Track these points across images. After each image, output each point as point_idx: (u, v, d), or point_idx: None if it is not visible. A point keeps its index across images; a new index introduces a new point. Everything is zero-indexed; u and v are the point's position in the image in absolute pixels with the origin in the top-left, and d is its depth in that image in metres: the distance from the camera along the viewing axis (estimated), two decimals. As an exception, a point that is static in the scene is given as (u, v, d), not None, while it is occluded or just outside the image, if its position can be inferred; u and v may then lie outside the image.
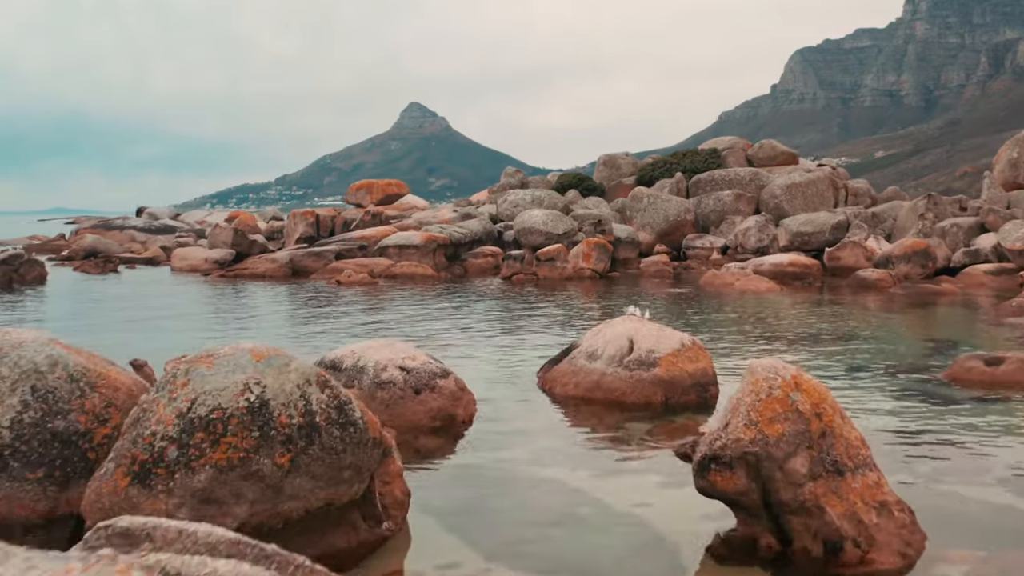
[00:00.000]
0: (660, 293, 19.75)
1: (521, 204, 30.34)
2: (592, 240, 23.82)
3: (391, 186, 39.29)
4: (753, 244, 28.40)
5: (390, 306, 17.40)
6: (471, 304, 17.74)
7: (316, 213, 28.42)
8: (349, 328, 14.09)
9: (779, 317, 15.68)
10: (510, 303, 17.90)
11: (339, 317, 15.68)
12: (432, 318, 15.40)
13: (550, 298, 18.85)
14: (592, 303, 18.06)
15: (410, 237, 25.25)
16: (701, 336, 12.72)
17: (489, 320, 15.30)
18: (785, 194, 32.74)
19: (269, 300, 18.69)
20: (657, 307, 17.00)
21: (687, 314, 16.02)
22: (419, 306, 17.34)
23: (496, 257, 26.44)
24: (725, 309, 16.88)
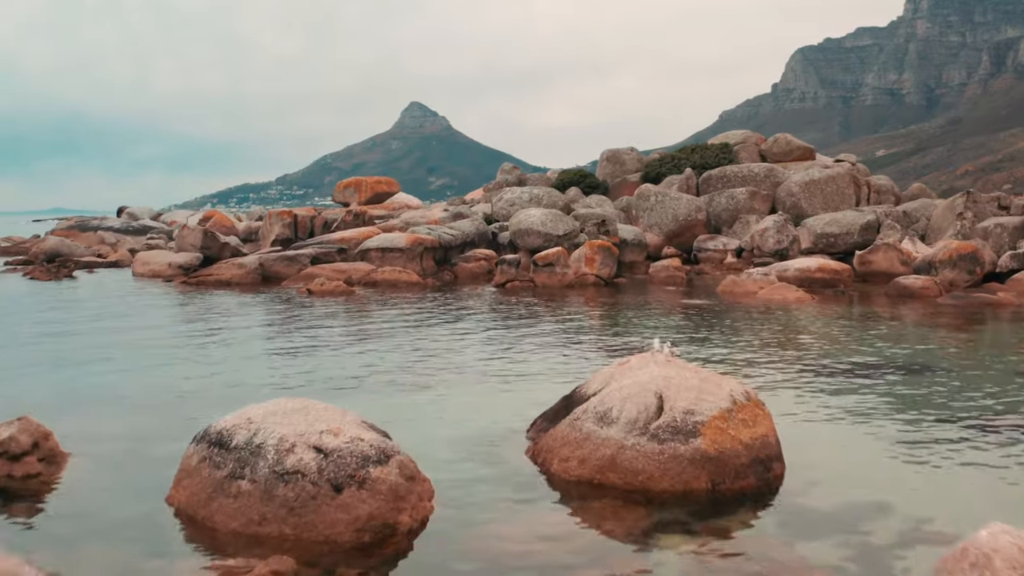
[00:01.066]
0: (674, 305, 17.02)
1: (518, 203, 27.61)
2: (596, 243, 21.09)
3: (381, 184, 36.61)
4: (771, 246, 25.68)
5: (359, 324, 14.67)
6: (455, 321, 15.01)
7: (294, 213, 25.70)
8: (293, 361, 11.36)
9: (821, 337, 12.94)
10: (501, 318, 15.18)
11: (290, 340, 12.95)
12: (402, 343, 12.66)
13: (549, 310, 16.14)
14: (598, 318, 15.33)
15: (394, 239, 22.53)
16: (730, 367, 10.03)
17: (472, 344, 12.56)
18: (803, 192, 30.02)
19: (220, 313, 15.94)
20: (673, 325, 14.27)
21: (710, 334, 13.27)
22: (392, 324, 14.60)
23: (490, 261, 23.72)
24: (754, 326, 14.14)
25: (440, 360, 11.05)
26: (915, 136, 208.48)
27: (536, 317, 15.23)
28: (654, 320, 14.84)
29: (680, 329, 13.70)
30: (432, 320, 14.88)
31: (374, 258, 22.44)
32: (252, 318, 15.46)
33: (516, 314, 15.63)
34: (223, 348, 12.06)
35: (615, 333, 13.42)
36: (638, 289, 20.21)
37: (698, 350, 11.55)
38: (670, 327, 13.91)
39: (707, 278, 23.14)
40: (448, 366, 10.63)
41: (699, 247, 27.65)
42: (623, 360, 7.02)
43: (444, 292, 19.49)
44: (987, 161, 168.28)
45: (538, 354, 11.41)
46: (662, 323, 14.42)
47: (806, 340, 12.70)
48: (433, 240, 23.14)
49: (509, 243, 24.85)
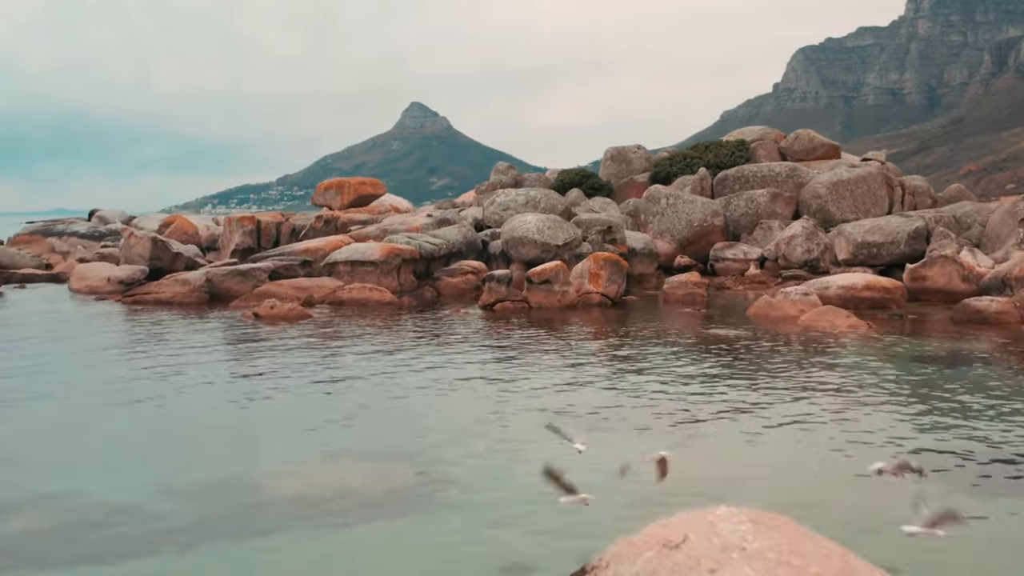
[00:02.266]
0: (700, 336, 13.56)
1: (512, 206, 24.16)
2: (601, 255, 17.64)
3: (365, 185, 33.15)
4: (800, 256, 22.25)
5: (294, 369, 11.20)
6: (422, 362, 11.56)
7: (256, 219, 22.27)
8: (142, 448, 7.93)
9: (918, 394, 9.46)
10: (484, 358, 11.73)
11: (164, 411, 9.53)
12: (333, 412, 9.24)
13: (545, 346, 12.70)
14: (605, 360, 11.87)
15: (366, 250, 19.09)
16: (806, 448, 6.09)
17: (438, 410, 9.13)
18: (831, 193, 26.57)
19: (119, 349, 12.48)
20: (703, 371, 10.81)
21: (760, 387, 9.81)
22: (337, 372, 11.16)
23: (478, 274, 20.27)
24: (810, 372, 10.66)
25: (368, 467, 7.63)
26: (917, 136, 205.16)
27: (529, 355, 11.78)
28: (679, 361, 11.40)
29: (717, 379, 10.25)
30: (389, 364, 11.43)
31: (343, 272, 19.01)
32: (154, 357, 11.98)
33: (503, 350, 12.20)
34: (57, 410, 8.63)
35: (632, 392, 9.97)
36: (652, 311, 16.77)
37: (752, 418, 8.12)
38: (704, 375, 10.48)
39: (731, 296, 19.70)
40: (392, 476, 7.20)
41: (716, 256, 24.23)
42: (662, 528, 3.58)
43: (420, 315, 16.05)
44: (990, 161, 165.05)
45: (526, 432, 7.95)
46: (691, 368, 10.99)
47: (902, 399, 9.23)
48: (412, 251, 19.71)
49: (501, 253, 21.41)
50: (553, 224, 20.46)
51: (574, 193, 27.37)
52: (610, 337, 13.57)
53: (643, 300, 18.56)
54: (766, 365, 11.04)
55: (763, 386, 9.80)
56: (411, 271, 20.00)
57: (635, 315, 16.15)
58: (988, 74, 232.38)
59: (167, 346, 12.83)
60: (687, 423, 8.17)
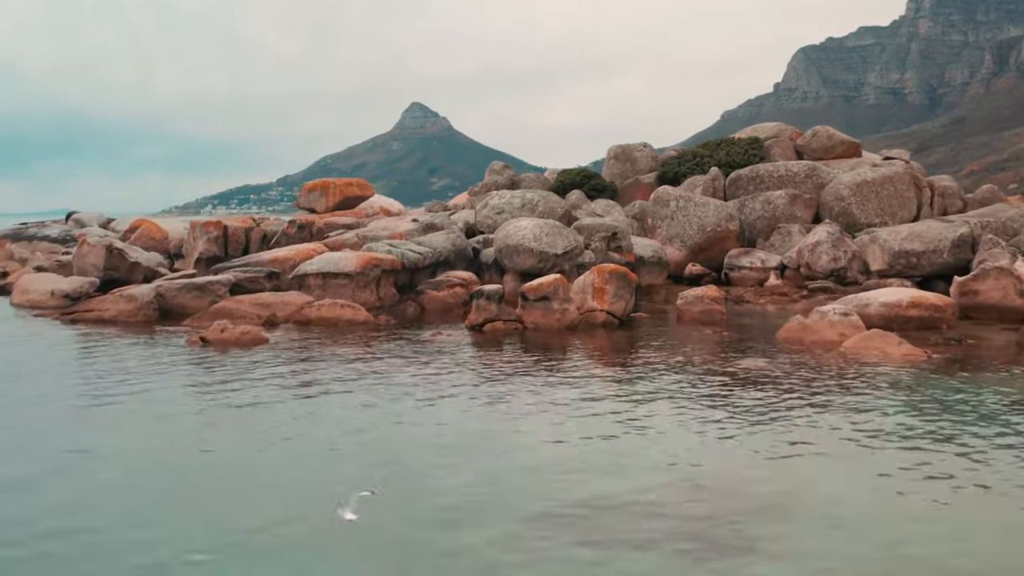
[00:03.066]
0: (726, 369, 11.14)
1: (506, 210, 21.77)
2: (607, 268, 15.23)
3: (351, 187, 30.76)
4: (825, 265, 19.88)
5: (209, 426, 8.82)
6: (379, 412, 9.18)
7: (224, 224, 19.88)
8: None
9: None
10: (463, 402, 9.34)
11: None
12: (238, 516, 6.87)
13: (542, 379, 10.31)
14: (619, 401, 9.47)
15: (339, 261, 16.70)
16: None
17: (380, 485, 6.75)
18: (855, 195, 24.18)
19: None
20: (737, 430, 8.42)
21: (819, 451, 7.43)
22: (269, 431, 8.79)
23: (468, 286, 17.89)
24: (888, 430, 8.29)
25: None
26: (918, 136, 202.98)
27: (519, 394, 9.40)
28: (708, 411, 9.01)
29: (763, 434, 7.87)
30: (340, 413, 9.04)
31: (313, 286, 16.62)
32: (31, 412, 9.59)
33: (489, 388, 9.81)
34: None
35: (653, 459, 7.59)
36: (665, 333, 14.36)
37: (820, 498, 5.74)
38: (744, 429, 8.10)
39: (751, 311, 17.30)
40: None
41: (731, 264, 21.85)
42: None
43: (396, 339, 13.66)
44: (992, 160, 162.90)
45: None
46: (729, 425, 8.60)
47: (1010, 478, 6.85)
48: (394, 261, 17.33)
49: (494, 263, 19.04)
50: (552, 230, 18.09)
51: (575, 195, 25.00)
52: (618, 368, 11.17)
53: (653, 317, 16.17)
54: (820, 414, 8.65)
55: (829, 450, 7.42)
56: (392, 283, 17.63)
57: (646, 338, 13.75)
58: (989, 74, 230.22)
59: (74, 382, 10.44)
60: (743, 517, 5.79)
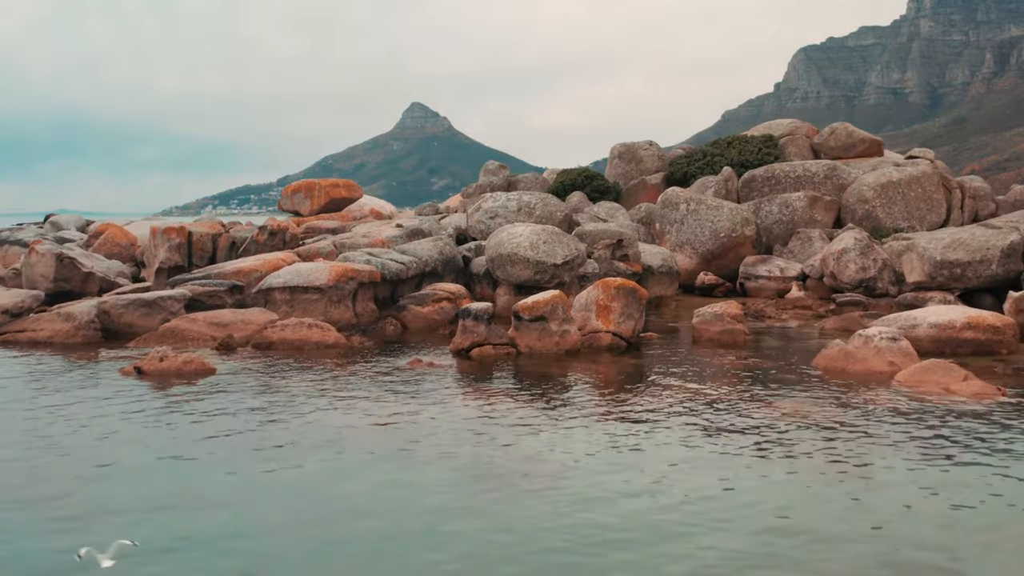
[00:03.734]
0: (762, 412, 9.06)
1: (501, 214, 19.71)
2: (613, 282, 13.13)
3: (338, 188, 28.78)
4: (853, 275, 17.84)
5: (121, 492, 6.75)
6: (327, 496, 7.12)
7: (188, 230, 17.81)
8: None
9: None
10: (442, 476, 7.28)
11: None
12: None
13: (530, 435, 8.25)
14: (655, 454, 7.38)
15: (310, 273, 14.62)
16: None
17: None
18: (879, 197, 22.16)
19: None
20: (821, 490, 6.34)
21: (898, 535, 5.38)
22: (177, 521, 6.71)
23: (456, 301, 15.83)
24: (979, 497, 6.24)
25: None
26: (919, 135, 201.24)
27: (497, 466, 7.35)
28: (757, 451, 6.96)
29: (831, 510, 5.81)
30: (287, 500, 6.98)
31: (280, 301, 14.55)
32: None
33: (473, 450, 7.76)
34: None
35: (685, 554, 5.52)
36: (680, 360, 12.27)
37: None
38: (812, 506, 6.03)
39: (775, 328, 15.20)
40: None
41: (748, 273, 19.82)
42: None
43: (368, 366, 11.59)
44: (994, 160, 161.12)
45: None
46: (787, 471, 6.53)
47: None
48: (372, 272, 15.26)
49: (485, 274, 17.00)
50: (550, 237, 16.03)
51: (576, 197, 22.94)
52: (635, 409, 9.09)
53: (665, 338, 14.09)
54: (912, 472, 6.58)
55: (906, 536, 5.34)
56: (371, 297, 15.57)
57: (660, 366, 11.67)
58: (990, 73, 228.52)
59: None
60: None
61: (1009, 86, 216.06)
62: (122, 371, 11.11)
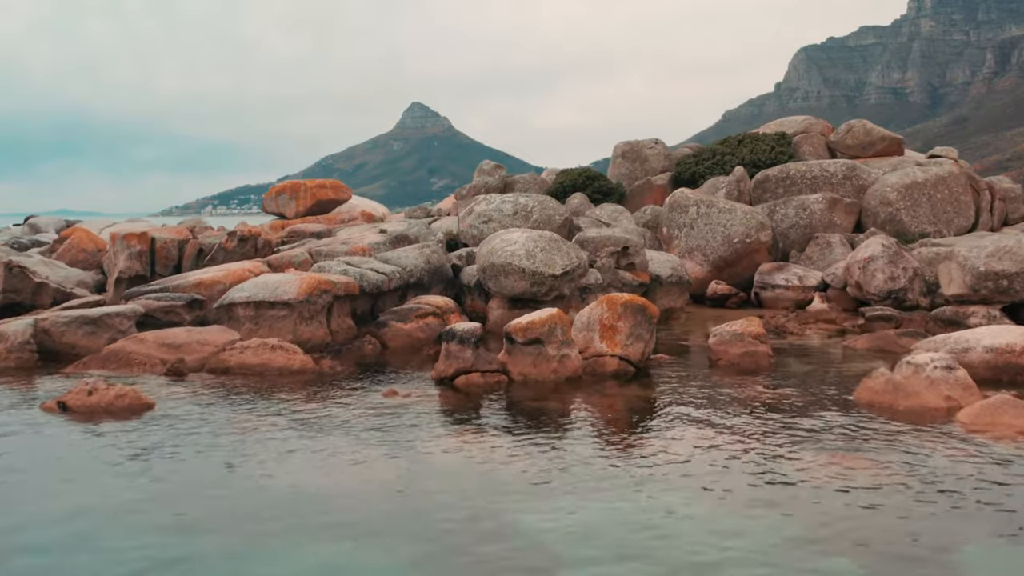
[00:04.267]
0: (806, 479, 7.33)
1: (495, 218, 17.98)
2: (620, 298, 11.38)
3: (325, 189, 27.08)
4: (881, 285, 16.12)
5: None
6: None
7: (150, 236, 16.09)
8: None
9: None
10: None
11: None
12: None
13: (529, 490, 6.55)
14: (688, 528, 5.69)
15: (277, 286, 12.88)
16: None
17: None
18: (904, 199, 20.45)
19: None
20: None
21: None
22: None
23: (444, 317, 14.12)
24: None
25: None
26: (920, 135, 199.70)
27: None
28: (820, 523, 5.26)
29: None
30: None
31: (243, 318, 12.82)
32: None
33: (438, 522, 6.06)
34: None
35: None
36: (700, 388, 10.53)
37: None
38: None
39: (800, 346, 13.47)
40: None
41: (763, 282, 18.10)
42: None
43: (336, 398, 9.87)
44: (995, 160, 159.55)
45: None
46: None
47: None
48: (349, 284, 13.53)
49: (476, 284, 15.27)
50: (548, 245, 14.30)
51: (577, 199, 21.22)
52: (641, 466, 7.38)
53: (677, 361, 12.35)
54: (976, 567, 4.87)
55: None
56: (348, 312, 13.83)
57: (673, 400, 9.94)
58: (991, 73, 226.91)
59: None
60: None
61: (1010, 86, 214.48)
62: (44, 406, 9.38)
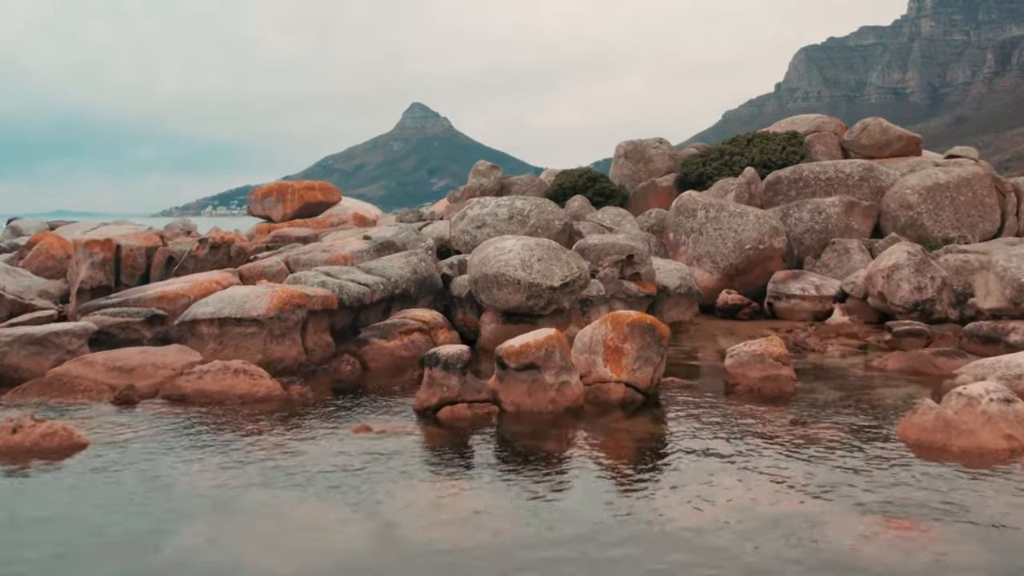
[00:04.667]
0: (857, 550, 6.02)
1: (489, 222, 16.66)
2: (627, 317, 10.05)
3: (313, 191, 25.82)
4: (908, 296, 14.80)
5: None
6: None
7: (115, 243, 14.75)
8: None
9: None
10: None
11: None
12: None
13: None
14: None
15: (245, 301, 11.56)
16: None
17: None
18: (925, 202, 19.14)
19: None
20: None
21: None
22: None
23: (432, 332, 12.80)
24: None
25: None
26: (921, 135, 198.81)
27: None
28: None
29: None
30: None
31: (207, 336, 11.50)
32: None
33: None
34: None
35: None
36: (715, 423, 9.20)
37: None
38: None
39: (823, 365, 12.15)
40: None
41: (777, 291, 16.80)
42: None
43: (300, 433, 8.55)
44: (996, 160, 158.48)
45: None
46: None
47: None
48: (327, 297, 12.21)
49: (468, 297, 13.94)
50: (546, 254, 12.97)
51: (577, 202, 19.91)
52: (651, 526, 6.06)
53: (689, 384, 11.02)
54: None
55: None
56: (326, 328, 12.51)
57: (688, 436, 8.61)
58: (991, 73, 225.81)
59: None
60: None
61: (1010, 86, 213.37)
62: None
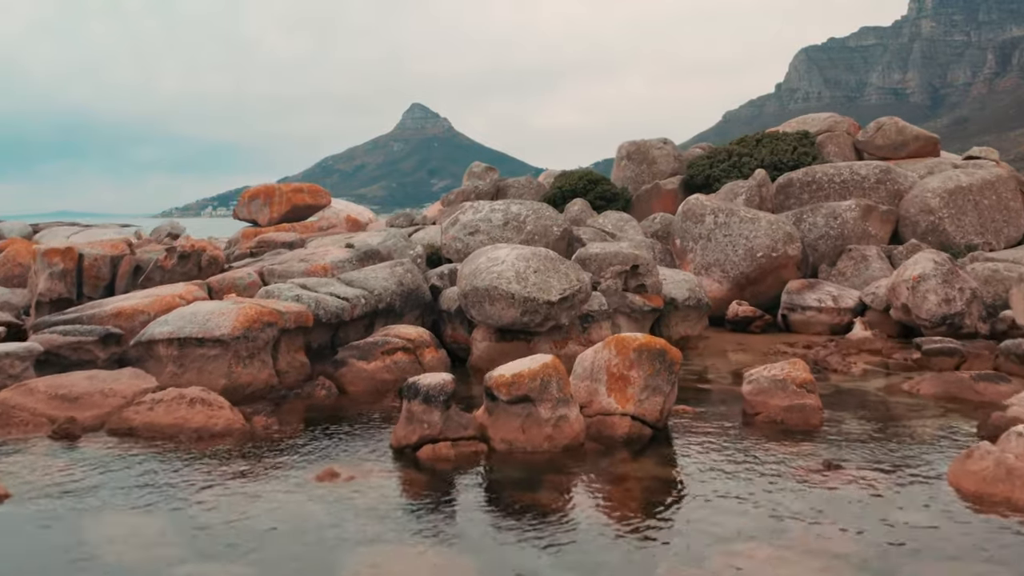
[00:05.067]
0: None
1: (482, 229, 15.46)
2: (633, 341, 8.85)
3: (301, 193, 24.64)
4: (934, 309, 13.61)
5: None
6: None
7: (77, 252, 13.56)
8: None
9: None
10: None
11: None
12: None
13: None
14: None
15: (208, 318, 10.36)
16: None
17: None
18: (947, 207, 17.97)
19: None
20: None
21: None
22: None
23: (418, 351, 11.62)
24: None
25: None
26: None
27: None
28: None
29: None
30: None
31: (165, 358, 10.31)
32: None
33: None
34: None
35: None
36: (734, 464, 8.00)
37: None
38: None
39: (849, 390, 10.96)
40: None
41: (792, 303, 15.61)
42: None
43: (257, 479, 7.36)
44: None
45: None
46: None
47: None
48: (300, 314, 11.02)
49: (458, 311, 12.75)
50: (543, 265, 11.78)
51: (577, 206, 18.72)
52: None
53: (703, 413, 9.83)
54: None
55: None
56: (301, 347, 11.32)
57: (702, 482, 7.42)
58: (992, 74, 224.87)
59: None
60: None
61: (1011, 86, 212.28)
62: None
